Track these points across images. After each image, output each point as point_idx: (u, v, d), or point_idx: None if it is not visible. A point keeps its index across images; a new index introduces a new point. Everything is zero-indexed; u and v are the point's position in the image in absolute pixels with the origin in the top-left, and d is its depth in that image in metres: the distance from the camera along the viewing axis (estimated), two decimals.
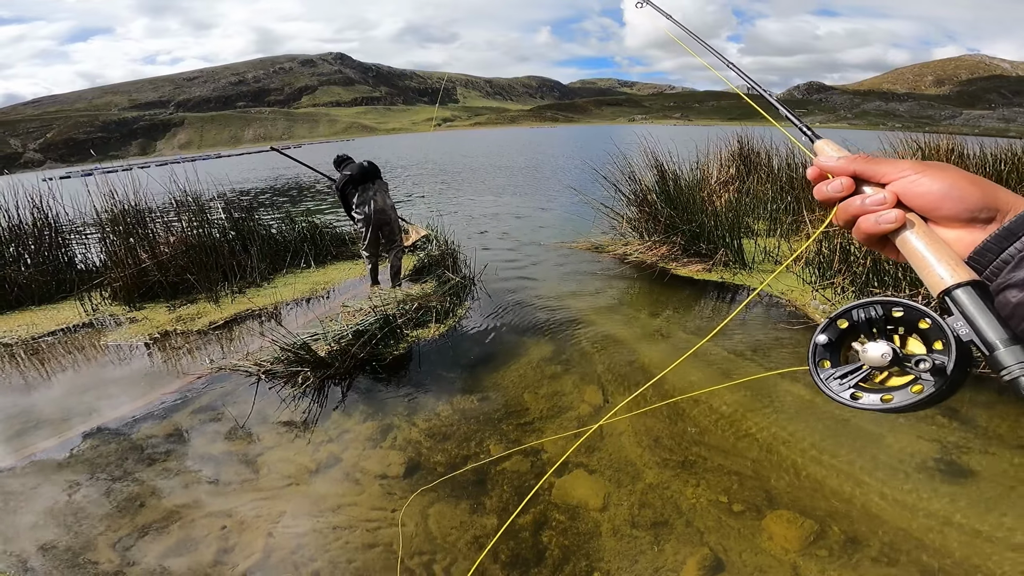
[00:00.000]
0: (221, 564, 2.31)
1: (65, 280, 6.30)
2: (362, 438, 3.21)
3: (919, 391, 0.39)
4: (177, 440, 3.30)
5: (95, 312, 5.67)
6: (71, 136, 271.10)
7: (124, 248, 6.00)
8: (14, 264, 6.16)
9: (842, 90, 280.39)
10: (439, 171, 22.46)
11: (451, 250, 6.50)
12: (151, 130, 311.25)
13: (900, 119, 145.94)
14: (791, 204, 7.14)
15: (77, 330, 5.25)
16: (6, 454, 3.22)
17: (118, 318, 5.49)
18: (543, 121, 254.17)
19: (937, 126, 41.57)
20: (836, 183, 0.47)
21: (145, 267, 5.85)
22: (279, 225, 7.66)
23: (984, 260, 0.38)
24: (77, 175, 13.14)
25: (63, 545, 2.46)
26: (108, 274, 5.95)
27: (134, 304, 5.78)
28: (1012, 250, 0.37)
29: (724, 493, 2.54)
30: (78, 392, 4.00)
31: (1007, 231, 0.37)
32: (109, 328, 5.25)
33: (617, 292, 5.58)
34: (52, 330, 5.23)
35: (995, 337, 0.36)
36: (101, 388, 4.04)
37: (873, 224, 0.44)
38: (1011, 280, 0.36)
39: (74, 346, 4.86)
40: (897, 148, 7.92)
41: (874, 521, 2.28)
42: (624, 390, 3.57)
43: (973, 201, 0.39)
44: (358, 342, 4.08)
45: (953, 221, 0.41)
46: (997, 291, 0.38)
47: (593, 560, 2.24)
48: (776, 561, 2.14)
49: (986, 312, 0.37)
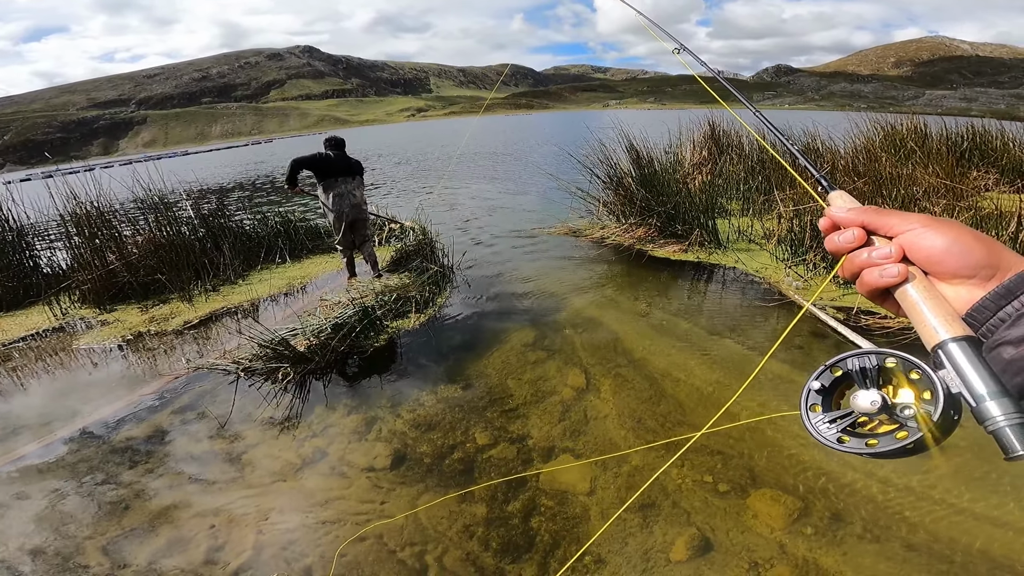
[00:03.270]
0: (212, 563, 2.28)
1: (32, 284, 6.08)
2: (347, 431, 3.18)
3: (903, 437, 0.40)
4: (159, 441, 3.23)
5: (65, 316, 5.50)
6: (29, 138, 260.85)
7: (90, 250, 5.81)
8: None
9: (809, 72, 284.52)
10: (414, 160, 22.22)
11: (429, 239, 6.44)
12: (113, 129, 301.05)
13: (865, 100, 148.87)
14: (762, 184, 7.25)
15: (48, 335, 5.08)
16: None
17: (89, 321, 5.33)
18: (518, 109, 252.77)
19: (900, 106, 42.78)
20: (848, 234, 0.47)
21: (113, 268, 5.68)
22: (252, 221, 7.50)
23: (981, 317, 0.39)
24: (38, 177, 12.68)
25: (52, 550, 2.40)
26: (75, 277, 5.76)
27: (104, 306, 5.61)
28: (1010, 308, 0.38)
29: (709, 473, 2.58)
30: (54, 397, 3.89)
31: (1005, 289, 0.38)
32: (80, 332, 5.09)
33: (596, 275, 5.60)
34: (22, 336, 5.05)
35: (983, 390, 0.37)
36: (78, 392, 3.92)
37: (876, 278, 0.44)
38: (1006, 338, 0.37)
39: (46, 351, 4.71)
40: (863, 129, 8.09)
41: (856, 497, 2.33)
42: (607, 373, 3.59)
43: (975, 257, 0.40)
44: (338, 335, 4.03)
45: (955, 276, 0.41)
46: (992, 347, 0.38)
47: (583, 544, 2.26)
48: (763, 539, 2.18)
49: (976, 366, 0.38)
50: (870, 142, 7.59)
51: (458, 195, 11.40)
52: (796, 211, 5.39)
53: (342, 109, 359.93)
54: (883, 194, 5.15)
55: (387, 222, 7.60)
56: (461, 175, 15.56)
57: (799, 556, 2.09)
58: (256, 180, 20.03)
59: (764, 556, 2.10)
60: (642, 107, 64.32)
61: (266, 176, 21.52)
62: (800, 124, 8.67)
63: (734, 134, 8.99)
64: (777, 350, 3.50)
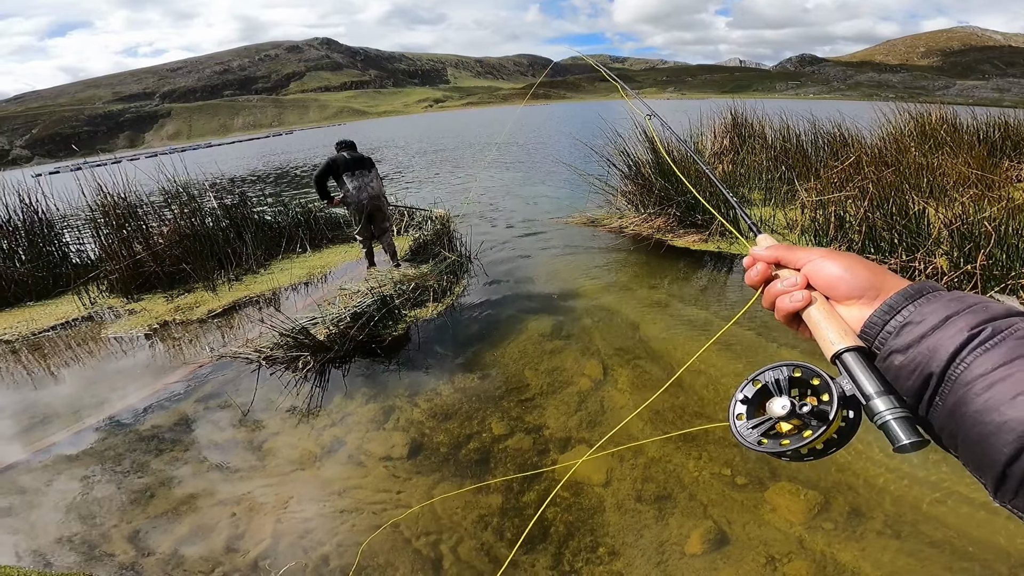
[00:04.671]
0: (233, 551, 2.34)
1: (61, 275, 6.26)
2: (365, 420, 3.22)
3: (808, 435, 0.46)
4: (184, 429, 3.31)
5: (93, 305, 5.65)
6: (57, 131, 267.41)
7: (118, 240, 5.95)
8: (8, 260, 6.11)
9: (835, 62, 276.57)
10: (432, 151, 22.24)
11: (447, 228, 6.46)
12: (138, 122, 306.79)
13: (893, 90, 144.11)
14: (785, 174, 7.10)
15: (77, 324, 5.23)
16: (19, 449, 3.24)
17: (117, 310, 5.47)
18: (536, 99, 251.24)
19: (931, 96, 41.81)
20: (758, 267, 0.56)
21: (140, 258, 5.81)
22: (273, 211, 7.60)
23: (872, 332, 0.45)
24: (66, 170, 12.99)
25: (79, 539, 2.48)
26: (103, 267, 5.92)
27: (132, 296, 5.76)
28: (894, 323, 0.44)
29: (727, 466, 2.55)
30: (83, 385, 4.01)
31: (888, 307, 0.45)
32: (109, 321, 5.24)
33: (614, 265, 5.57)
34: (52, 325, 5.21)
35: (871, 390, 0.43)
36: (107, 380, 4.04)
37: (787, 303, 0.52)
38: (894, 347, 0.43)
39: (75, 340, 4.85)
40: (891, 118, 7.87)
41: (878, 493, 2.30)
42: (624, 363, 3.58)
43: (861, 280, 0.48)
44: (356, 324, 4.07)
45: (848, 297, 0.48)
46: (885, 357, 0.44)
47: (598, 535, 2.26)
48: (781, 533, 2.16)
49: (865, 370, 0.44)
50: (898, 132, 7.37)
51: (475, 185, 11.39)
52: (820, 201, 5.28)
53: (360, 101, 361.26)
54: (911, 184, 5.00)
55: (407, 211, 7.64)
56: (477, 165, 15.53)
57: (817, 551, 2.06)
58: (277, 171, 20.27)
59: (782, 550, 2.08)
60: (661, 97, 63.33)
61: (286, 168, 21.75)
62: (824, 113, 8.46)
63: (756, 123, 8.81)
64: (802, 344, 3.44)
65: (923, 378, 0.41)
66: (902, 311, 0.44)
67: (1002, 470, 0.36)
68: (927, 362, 0.41)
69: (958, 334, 0.40)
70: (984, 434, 0.37)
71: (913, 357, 0.42)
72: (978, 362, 0.38)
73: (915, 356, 0.42)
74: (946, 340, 0.40)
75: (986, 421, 0.37)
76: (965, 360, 0.39)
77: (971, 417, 0.38)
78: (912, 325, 0.43)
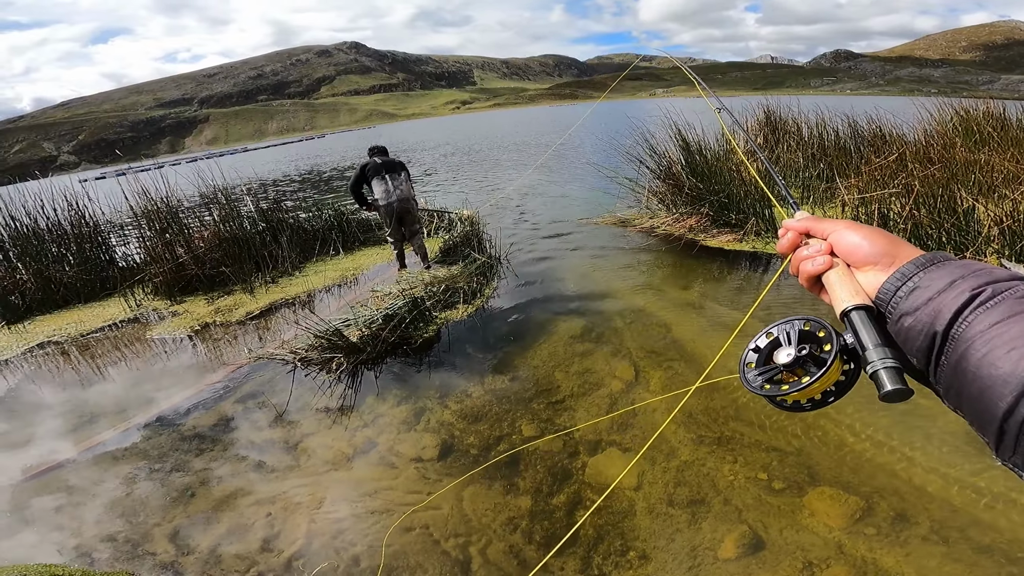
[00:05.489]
0: (268, 551, 2.40)
1: (108, 278, 6.53)
2: (396, 422, 3.27)
3: (806, 380, 0.50)
4: (223, 428, 3.42)
5: (139, 307, 5.89)
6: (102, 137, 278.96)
7: (161, 244, 6.19)
8: (58, 264, 6.41)
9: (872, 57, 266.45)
10: (460, 152, 22.38)
11: (476, 230, 6.49)
12: (178, 128, 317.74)
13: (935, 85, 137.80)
14: (824, 171, 6.89)
15: (123, 325, 5.46)
16: (69, 447, 3.39)
17: (161, 312, 5.69)
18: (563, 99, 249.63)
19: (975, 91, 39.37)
20: (787, 235, 0.60)
21: (182, 261, 6.03)
22: (307, 214, 7.78)
23: (886, 297, 0.48)
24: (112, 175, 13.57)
25: (123, 537, 2.58)
26: (148, 270, 6.15)
27: (175, 298, 5.98)
28: (904, 288, 0.47)
29: (763, 470, 2.50)
30: (129, 385, 4.18)
31: (900, 274, 0.48)
32: (153, 322, 5.44)
33: (646, 266, 5.51)
34: (100, 326, 5.45)
35: (869, 343, 0.47)
36: (151, 380, 4.20)
37: (809, 266, 0.55)
38: (904, 309, 0.46)
39: (122, 341, 5.06)
40: (934, 113, 7.56)
41: (924, 498, 2.21)
42: (656, 365, 3.54)
43: (878, 248, 0.51)
44: (388, 326, 4.14)
45: (865, 263, 0.52)
46: (896, 320, 0.47)
47: (628, 539, 2.24)
48: (819, 539, 2.10)
49: (868, 325, 0.48)
50: (943, 127, 7.07)
51: (503, 186, 11.42)
52: (862, 199, 5.11)
53: (389, 103, 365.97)
54: (958, 180, 4.80)
55: (436, 214, 7.72)
56: (506, 164, 15.57)
57: (858, 556, 2.00)
58: (309, 175, 20.71)
59: (820, 556, 2.03)
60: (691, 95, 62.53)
61: (319, 171, 22.20)
62: (862, 109, 8.18)
63: (791, 121, 8.58)
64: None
65: (929, 337, 0.43)
66: (913, 277, 0.47)
67: (999, 424, 0.37)
68: (932, 322, 0.43)
69: (960, 295, 0.42)
70: (982, 388, 0.39)
71: (920, 318, 0.44)
72: (978, 320, 0.41)
73: (922, 317, 0.44)
74: (949, 301, 0.43)
75: (983, 375, 0.39)
76: (967, 319, 0.41)
77: (971, 372, 0.40)
78: (920, 289, 0.46)
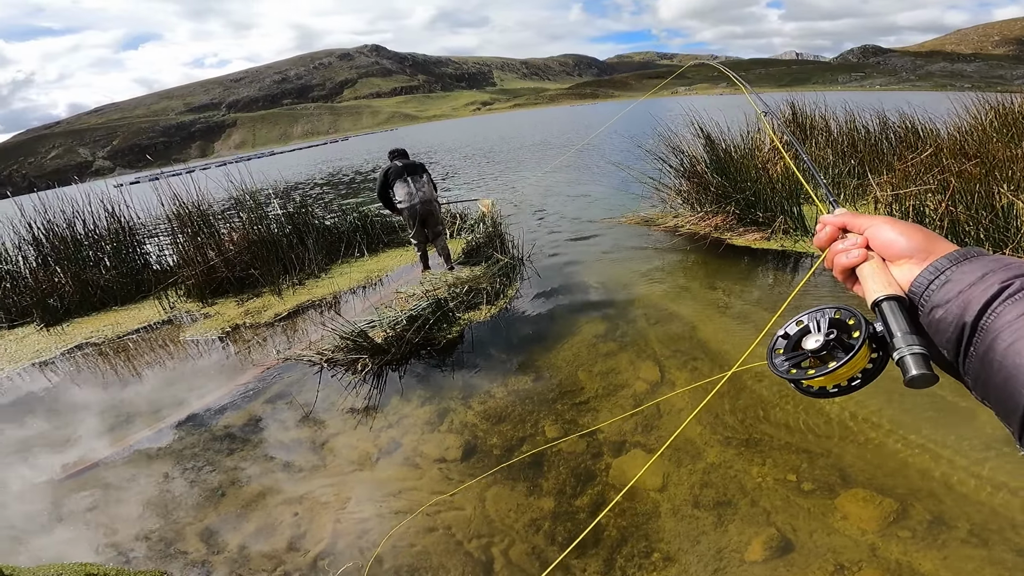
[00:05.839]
0: (294, 550, 2.44)
1: (143, 280, 6.75)
2: (420, 422, 3.30)
3: (833, 365, 0.51)
4: (253, 428, 3.50)
5: (172, 309, 6.06)
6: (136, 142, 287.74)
7: (193, 247, 6.36)
8: (95, 267, 6.65)
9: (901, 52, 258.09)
10: (481, 153, 22.46)
11: (499, 230, 6.52)
12: (208, 132, 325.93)
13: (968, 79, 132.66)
14: (855, 168, 6.71)
15: (158, 327, 5.63)
16: (106, 446, 3.51)
17: (193, 314, 5.85)
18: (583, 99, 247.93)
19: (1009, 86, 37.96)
20: (825, 230, 0.62)
21: (213, 264, 6.19)
22: (332, 217, 7.90)
23: (919, 290, 0.50)
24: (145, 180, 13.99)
25: (156, 535, 2.65)
26: (180, 272, 6.33)
27: (206, 300, 6.14)
28: (937, 281, 0.48)
29: (792, 472, 2.45)
30: (163, 385, 4.31)
31: (934, 268, 0.49)
32: (186, 324, 5.60)
33: (670, 265, 5.45)
34: (136, 328, 5.63)
35: (897, 330, 0.48)
36: (184, 381, 4.33)
37: (844, 259, 0.57)
38: (936, 302, 0.47)
39: (156, 342, 5.22)
40: (969, 108, 7.30)
41: (962, 501, 2.15)
42: (682, 366, 3.50)
43: (915, 242, 0.52)
44: (412, 327, 4.18)
45: (900, 257, 0.53)
46: (928, 311, 0.48)
47: (652, 541, 2.23)
48: (851, 541, 2.05)
49: (898, 314, 0.49)
50: (978, 122, 6.83)
51: (524, 186, 11.42)
52: (896, 195, 4.96)
53: (410, 105, 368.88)
54: (996, 176, 4.63)
55: (459, 216, 7.77)
56: (528, 164, 15.57)
57: (892, 559, 1.95)
58: (333, 177, 21.02)
59: (852, 558, 1.98)
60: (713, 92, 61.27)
61: (343, 174, 22.52)
62: (893, 105, 7.95)
63: (819, 117, 8.39)
64: None
65: (959, 329, 0.45)
66: (946, 271, 0.48)
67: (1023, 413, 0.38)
68: (962, 313, 0.44)
69: (990, 287, 0.43)
70: (1007, 377, 0.40)
71: (950, 309, 0.46)
72: (1007, 311, 0.41)
73: (952, 308, 0.45)
74: (979, 293, 0.44)
75: (1009, 364, 0.40)
76: (996, 310, 0.42)
77: (996, 362, 0.41)
78: (952, 282, 0.47)
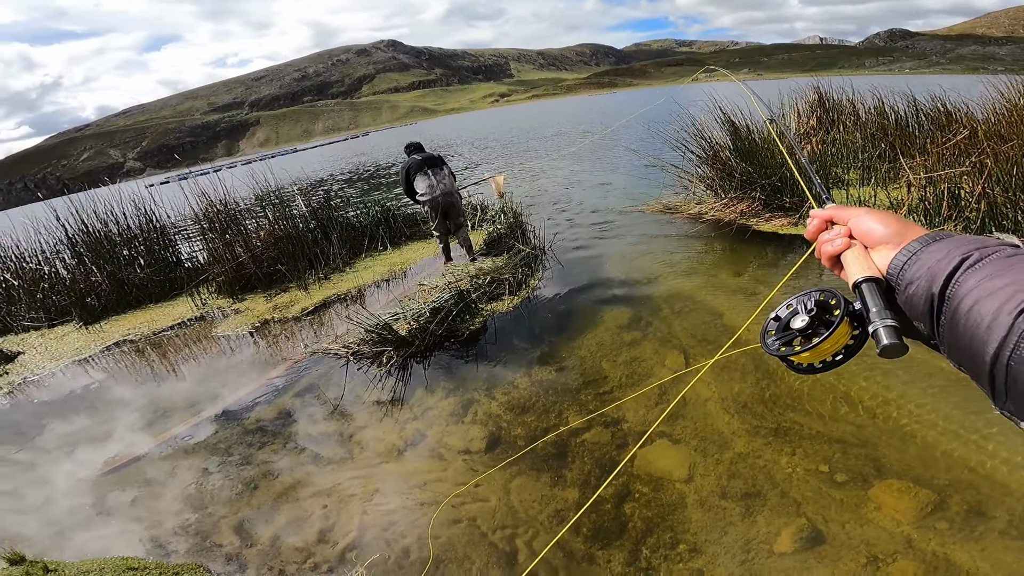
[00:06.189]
0: (324, 542, 2.50)
1: (176, 278, 6.94)
2: (445, 414, 3.33)
3: (816, 340, 0.56)
4: (283, 422, 3.58)
5: (204, 306, 6.22)
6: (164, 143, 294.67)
7: (222, 244, 6.51)
8: (129, 266, 6.85)
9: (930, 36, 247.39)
10: (500, 144, 22.39)
11: (520, 220, 6.50)
12: (233, 131, 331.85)
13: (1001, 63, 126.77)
14: (886, 151, 6.50)
15: (191, 323, 5.79)
16: (146, 441, 3.63)
17: (225, 310, 5.99)
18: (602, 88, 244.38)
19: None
20: (813, 222, 0.68)
21: (242, 261, 6.32)
22: (355, 211, 7.99)
23: (895, 271, 0.54)
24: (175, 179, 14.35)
25: (193, 529, 2.74)
26: (211, 270, 6.49)
27: (236, 296, 6.29)
28: (910, 262, 0.52)
29: (824, 462, 2.40)
30: (198, 380, 4.44)
31: (907, 250, 0.53)
32: (218, 320, 5.75)
33: (694, 253, 5.38)
34: (170, 325, 5.80)
35: (873, 307, 0.53)
36: (217, 376, 4.45)
37: (829, 247, 0.63)
38: (909, 279, 0.51)
39: (190, 338, 5.38)
40: (1004, 91, 7.00)
41: (1002, 491, 2.08)
42: (708, 354, 3.45)
43: (890, 230, 0.57)
44: (436, 319, 4.21)
45: (878, 243, 0.58)
46: (903, 288, 0.52)
47: (678, 532, 2.21)
48: (886, 533, 2.01)
49: (874, 292, 0.54)
50: (1014, 105, 6.54)
51: (545, 175, 11.37)
52: (929, 178, 4.79)
53: (428, 99, 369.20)
54: None
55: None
56: (547, 153, 15.47)
57: (928, 551, 1.91)
58: (355, 173, 21.22)
59: (886, 550, 1.94)
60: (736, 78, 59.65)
61: (364, 168, 22.71)
62: (922, 88, 7.66)
63: (846, 101, 8.13)
64: None
65: (929, 300, 0.49)
66: (917, 252, 0.52)
67: (989, 370, 0.41)
68: (930, 285, 0.48)
69: (952, 260, 0.48)
70: (971, 337, 0.43)
71: (921, 284, 0.50)
72: (967, 278, 0.45)
73: (922, 283, 0.50)
74: (943, 266, 0.48)
75: (971, 325, 0.43)
76: (958, 279, 0.46)
77: (961, 324, 0.44)
78: (921, 261, 0.51)
